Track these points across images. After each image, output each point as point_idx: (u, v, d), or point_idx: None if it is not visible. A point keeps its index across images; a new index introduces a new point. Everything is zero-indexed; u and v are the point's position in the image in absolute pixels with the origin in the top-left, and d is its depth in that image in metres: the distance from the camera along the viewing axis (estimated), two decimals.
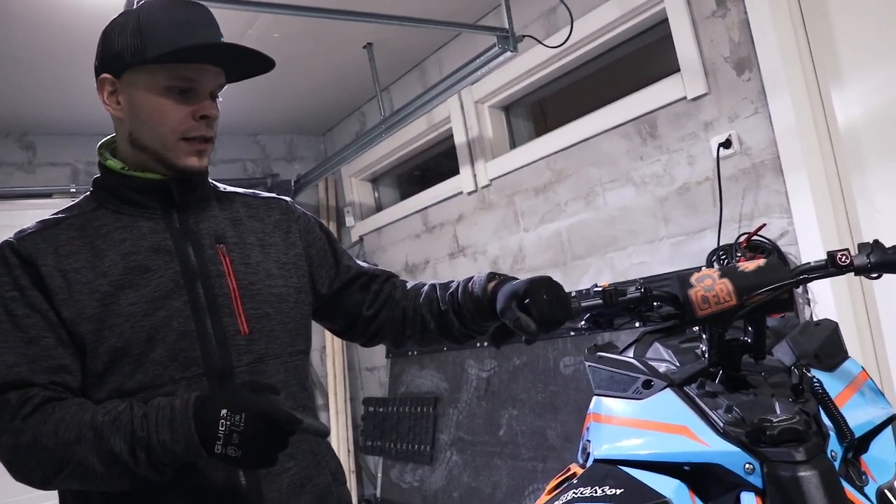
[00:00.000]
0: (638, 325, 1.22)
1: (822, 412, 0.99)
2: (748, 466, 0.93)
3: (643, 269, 2.63)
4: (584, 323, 1.18)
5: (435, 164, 4.05)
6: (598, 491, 0.99)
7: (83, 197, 1.24)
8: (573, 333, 2.73)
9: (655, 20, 2.57)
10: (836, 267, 1.10)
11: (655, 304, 1.14)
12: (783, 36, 2.14)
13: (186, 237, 1.20)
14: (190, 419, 0.99)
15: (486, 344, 3.19)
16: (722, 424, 0.97)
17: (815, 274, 1.11)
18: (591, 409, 1.17)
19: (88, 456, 1.00)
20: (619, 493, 0.97)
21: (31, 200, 3.62)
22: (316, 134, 4.65)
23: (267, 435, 0.97)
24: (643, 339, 1.24)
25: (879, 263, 1.09)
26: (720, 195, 2.30)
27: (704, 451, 0.96)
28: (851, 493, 0.92)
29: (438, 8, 2.92)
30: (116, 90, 1.18)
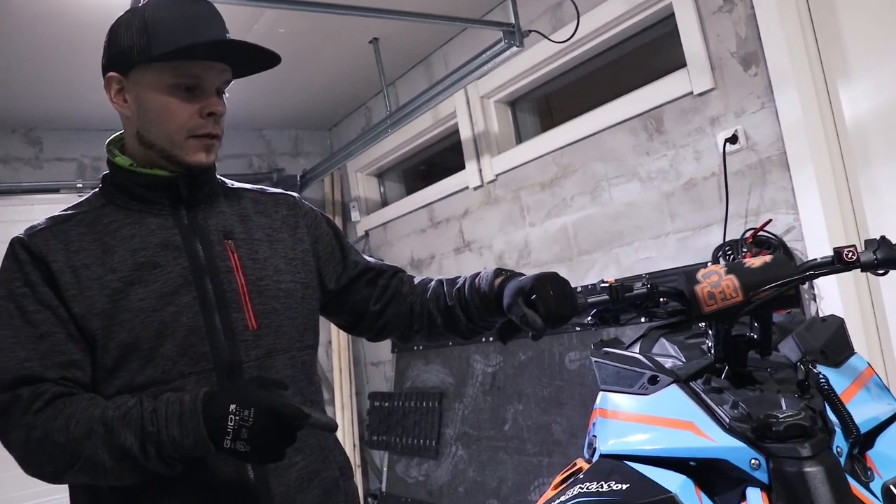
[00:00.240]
0: (644, 320, 1.22)
1: (827, 408, 0.99)
2: (754, 462, 0.93)
3: (649, 264, 2.63)
4: (590, 318, 1.18)
5: (441, 159, 4.05)
6: (604, 486, 1.00)
7: (92, 193, 1.24)
8: (579, 329, 2.73)
9: (662, 15, 2.56)
10: (842, 263, 1.09)
11: (661, 299, 1.14)
12: (790, 31, 2.14)
13: (195, 233, 1.21)
14: (199, 414, 1.00)
15: (491, 339, 3.19)
16: (728, 420, 0.97)
17: (821, 270, 1.11)
18: (597, 404, 1.17)
19: (99, 451, 1.01)
20: (625, 488, 0.98)
21: (37, 196, 3.64)
22: (322, 129, 4.65)
23: (275, 430, 0.98)
24: (649, 334, 1.24)
25: (886, 260, 1.09)
26: (726, 191, 2.29)
27: (710, 446, 0.96)
28: (857, 488, 0.93)
29: (444, 3, 2.92)
30: (123, 88, 1.18)
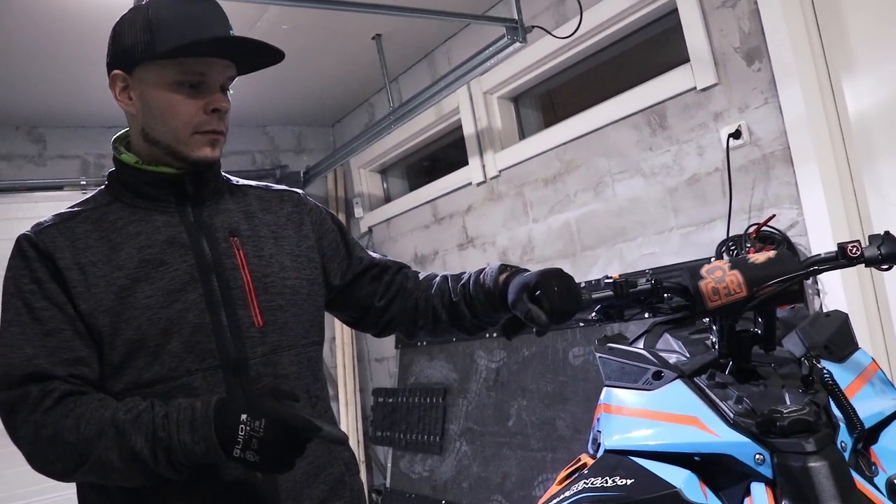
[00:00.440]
0: (648, 316, 1.22)
1: (832, 403, 0.99)
2: (758, 457, 0.93)
3: (652, 259, 2.63)
4: (594, 314, 1.18)
5: (444, 155, 4.04)
6: (608, 481, 1.00)
7: (98, 191, 1.25)
8: (583, 324, 2.73)
9: (665, 10, 2.56)
10: (846, 258, 1.09)
11: (665, 295, 1.14)
12: (793, 26, 2.13)
13: (201, 230, 1.21)
14: (211, 422, 1.00)
15: (495, 335, 3.19)
16: (732, 415, 0.98)
17: (825, 265, 1.11)
18: (601, 399, 1.18)
19: (109, 452, 1.02)
20: (629, 483, 0.98)
21: (41, 193, 3.64)
22: (325, 125, 4.65)
23: (285, 442, 0.99)
24: (653, 330, 1.24)
25: (890, 255, 1.09)
26: (730, 186, 2.29)
27: (715, 441, 0.97)
28: (861, 483, 0.93)
29: None
30: (128, 86, 1.18)
